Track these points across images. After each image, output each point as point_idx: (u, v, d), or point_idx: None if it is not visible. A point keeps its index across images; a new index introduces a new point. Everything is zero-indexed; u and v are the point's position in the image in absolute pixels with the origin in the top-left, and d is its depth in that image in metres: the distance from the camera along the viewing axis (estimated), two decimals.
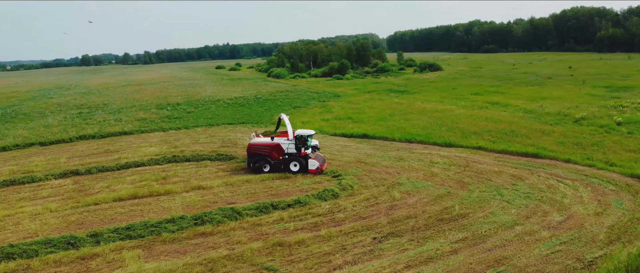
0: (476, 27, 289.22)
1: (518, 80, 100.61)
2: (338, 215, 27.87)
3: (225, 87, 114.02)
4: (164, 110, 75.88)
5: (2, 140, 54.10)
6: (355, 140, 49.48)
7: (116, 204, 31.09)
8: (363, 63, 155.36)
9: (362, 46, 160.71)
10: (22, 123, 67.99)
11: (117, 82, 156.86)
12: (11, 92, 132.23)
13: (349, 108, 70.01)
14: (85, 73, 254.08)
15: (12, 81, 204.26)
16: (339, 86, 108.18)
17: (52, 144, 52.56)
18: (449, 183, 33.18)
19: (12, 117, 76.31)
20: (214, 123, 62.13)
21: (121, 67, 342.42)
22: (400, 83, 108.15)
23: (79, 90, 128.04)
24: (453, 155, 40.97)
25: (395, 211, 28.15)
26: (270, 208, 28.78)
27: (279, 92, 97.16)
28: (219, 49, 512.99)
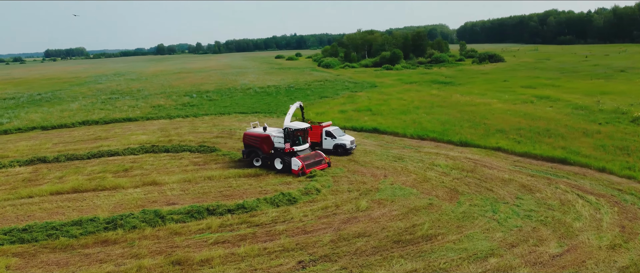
0: (552, 17, 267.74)
1: (583, 73, 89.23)
2: (278, 227, 22.77)
3: (266, 76, 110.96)
4: (187, 97, 73.63)
5: (9, 123, 53.55)
6: (362, 135, 43.79)
7: (51, 198, 27.89)
8: (419, 53, 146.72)
9: (418, 35, 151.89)
10: (46, 107, 68.13)
11: (172, 69, 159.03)
12: (71, 78, 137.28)
13: (375, 99, 63.95)
14: (151, 61, 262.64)
15: (82, 67, 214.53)
16: (382, 77, 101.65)
17: (54, 128, 51.26)
18: (437, 192, 26.98)
19: (45, 100, 77.26)
20: (225, 111, 58.62)
21: (189, 56, 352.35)
22: (449, 74, 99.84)
23: (130, 77, 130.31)
24: (463, 156, 34.36)
25: (349, 226, 22.59)
26: (205, 214, 24.20)
27: (316, 82, 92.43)
28: (286, 40, 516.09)
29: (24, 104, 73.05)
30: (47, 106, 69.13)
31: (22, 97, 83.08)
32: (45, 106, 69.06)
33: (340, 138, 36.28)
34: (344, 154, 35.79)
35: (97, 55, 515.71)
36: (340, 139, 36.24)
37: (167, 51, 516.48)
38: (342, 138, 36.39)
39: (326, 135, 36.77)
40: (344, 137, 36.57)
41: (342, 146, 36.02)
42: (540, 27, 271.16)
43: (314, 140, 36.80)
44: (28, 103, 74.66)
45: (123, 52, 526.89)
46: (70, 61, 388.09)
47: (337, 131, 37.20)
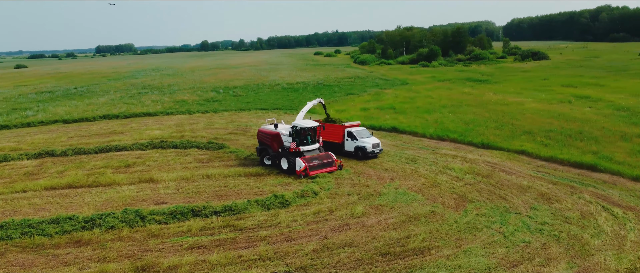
0: (605, 12, 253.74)
1: (633, 71, 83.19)
2: (261, 232, 21.15)
3: (298, 73, 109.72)
4: (213, 93, 73.25)
5: (34, 116, 54.36)
6: (380, 134, 41.56)
7: (43, 193, 27.37)
8: (458, 50, 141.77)
9: (458, 31, 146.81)
10: (76, 100, 69.25)
11: (209, 65, 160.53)
12: (111, 72, 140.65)
13: (402, 97, 61.39)
14: (193, 57, 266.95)
15: (125, 62, 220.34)
16: (416, 74, 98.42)
17: (75, 122, 51.61)
18: (444, 199, 24.66)
19: (78, 94, 78.71)
20: (247, 107, 57.61)
21: (229, 53, 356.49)
22: (487, 72, 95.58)
23: (166, 72, 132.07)
24: (481, 160, 31.72)
25: (338, 234, 20.70)
26: (189, 215, 22.88)
27: (346, 79, 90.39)
28: (327, 36, 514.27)
29: (57, 98, 74.62)
30: (77, 100, 70.26)
31: (59, 91, 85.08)
32: (76, 100, 70.23)
33: (361, 140, 33.05)
34: (365, 158, 32.61)
35: (144, 51, 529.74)
36: (361, 141, 33.02)
37: (210, 47, 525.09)
38: (364, 140, 33.06)
39: (348, 136, 33.86)
40: (367, 139, 33.11)
41: (362, 149, 32.62)
42: (591, 24, 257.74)
43: (335, 141, 34.59)
44: (62, 96, 76.23)
45: (169, 49, 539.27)
46: (118, 56, 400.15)
47: (362, 132, 34.01)
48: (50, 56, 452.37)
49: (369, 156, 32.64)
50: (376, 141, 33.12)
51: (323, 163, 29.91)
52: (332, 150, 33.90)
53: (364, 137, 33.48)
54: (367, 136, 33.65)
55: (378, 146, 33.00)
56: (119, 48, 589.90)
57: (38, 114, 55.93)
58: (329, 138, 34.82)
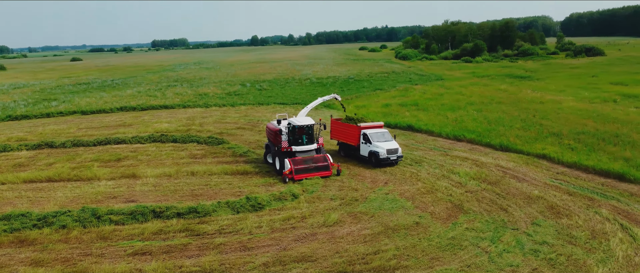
0: None
1: None
2: (219, 239, 19.09)
3: (334, 67, 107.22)
4: (240, 86, 72.11)
5: (56, 107, 54.87)
6: (394, 132, 38.46)
7: (19, 186, 26.58)
8: (506, 45, 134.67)
9: (506, 26, 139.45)
10: (106, 92, 69.93)
11: (250, 59, 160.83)
12: (154, 65, 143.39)
13: (430, 93, 57.83)
14: (239, 52, 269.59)
15: (172, 56, 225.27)
16: (455, 69, 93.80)
17: (93, 113, 51.62)
18: (436, 208, 21.73)
19: (111, 86, 79.68)
20: (266, 102, 55.90)
21: (276, 48, 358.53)
22: (532, 68, 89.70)
23: (206, 65, 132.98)
24: (494, 164, 28.35)
25: (299, 246, 18.32)
26: (149, 216, 21.16)
27: (381, 73, 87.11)
28: (376, 32, 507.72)
29: (90, 89, 75.74)
30: (107, 91, 70.95)
31: (96, 83, 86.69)
32: (106, 91, 70.94)
33: (375, 144, 28.53)
34: (378, 165, 28.28)
35: (196, 46, 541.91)
36: (375, 145, 28.52)
37: (260, 42, 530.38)
38: (378, 144, 28.52)
39: (363, 138, 29.50)
40: (383, 144, 28.52)
41: (375, 154, 28.22)
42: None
43: (351, 143, 30.70)
44: (95, 88, 77.39)
45: (220, 44, 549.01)
46: (170, 50, 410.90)
47: (380, 135, 29.40)
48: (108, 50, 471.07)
49: (382, 164, 28.22)
50: (393, 146, 28.39)
51: (315, 166, 26.81)
52: (349, 154, 31.20)
53: (380, 140, 28.90)
54: (385, 140, 28.99)
55: (395, 152, 28.33)
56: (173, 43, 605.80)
57: (61, 105, 56.45)
58: (345, 140, 31.39)
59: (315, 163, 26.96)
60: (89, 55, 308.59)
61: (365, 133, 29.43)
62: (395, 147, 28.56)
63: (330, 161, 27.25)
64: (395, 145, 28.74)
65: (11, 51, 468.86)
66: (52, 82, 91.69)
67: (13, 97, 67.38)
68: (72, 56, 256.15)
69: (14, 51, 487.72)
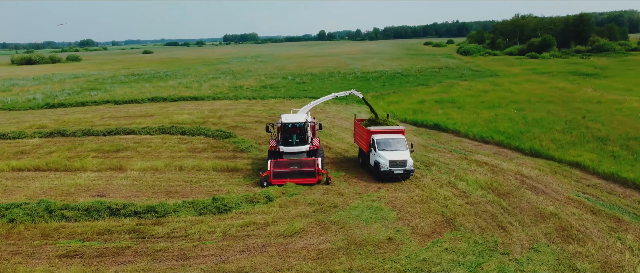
0: None
1: None
2: (161, 244, 17.17)
3: (387, 62, 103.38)
4: (279, 80, 70.67)
5: (94, 96, 55.82)
6: (418, 131, 35.49)
7: (5, 174, 26.25)
8: (580, 41, 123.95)
9: (580, 19, 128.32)
10: (149, 83, 70.89)
11: (306, 53, 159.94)
12: (213, 58, 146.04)
13: (475, 90, 53.36)
14: (301, 46, 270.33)
15: (235, 50, 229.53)
16: (516, 65, 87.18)
17: (124, 103, 51.89)
18: (422, 221, 18.57)
19: (159, 77, 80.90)
20: (297, 95, 53.86)
21: (341, 43, 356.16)
22: (602, 65, 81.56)
23: (262, 59, 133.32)
24: (513, 171, 24.51)
25: (243, 258, 15.99)
26: (105, 213, 19.66)
27: (432, 69, 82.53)
28: (446, 27, 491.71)
29: (139, 80, 77.23)
30: (153, 82, 71.91)
31: (148, 74, 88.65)
32: (152, 82, 71.97)
33: (381, 153, 23.75)
34: (379, 179, 23.66)
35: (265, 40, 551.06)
36: (379, 154, 23.77)
37: (327, 37, 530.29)
38: (384, 153, 23.63)
39: (371, 145, 24.79)
40: (389, 153, 23.59)
41: (376, 165, 23.69)
42: None
43: (362, 148, 26.26)
44: (144, 79, 78.89)
45: (288, 38, 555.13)
46: (239, 45, 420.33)
47: (391, 142, 24.36)
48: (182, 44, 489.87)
49: (383, 177, 23.45)
50: (399, 157, 23.30)
51: (299, 171, 23.49)
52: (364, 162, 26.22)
53: (388, 149, 24.00)
54: (394, 149, 24.00)
55: (402, 164, 23.21)
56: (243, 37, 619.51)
57: (99, 94, 57.41)
58: (360, 144, 27.20)
59: (301, 168, 23.70)
60: (161, 48, 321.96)
61: (374, 138, 24.64)
62: (403, 159, 23.27)
63: (319, 167, 23.46)
64: (404, 157, 23.40)
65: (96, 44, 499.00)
66: (109, 73, 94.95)
67: (64, 86, 69.87)
68: (146, 49, 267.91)
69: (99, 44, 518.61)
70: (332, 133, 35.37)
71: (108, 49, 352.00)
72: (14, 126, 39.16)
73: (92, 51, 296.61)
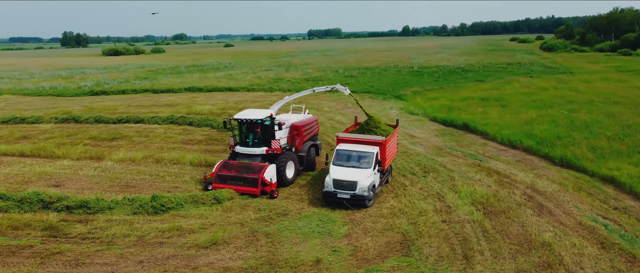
0: None
1: None
2: (65, 246, 15.28)
3: (455, 57, 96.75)
4: (327, 72, 67.89)
5: (138, 85, 56.42)
6: (444, 130, 31.41)
7: None
8: None
9: None
10: (203, 73, 71.14)
11: (377, 48, 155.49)
12: (283, 52, 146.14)
13: (533, 87, 47.36)
14: (379, 41, 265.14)
15: (310, 44, 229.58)
16: (601, 62, 77.53)
17: (162, 92, 51.78)
18: (372, 241, 15.20)
19: (216, 68, 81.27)
20: None
21: (422, 38, 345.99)
22: None
23: (329, 53, 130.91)
24: (528, 184, 20.09)
25: (137, 271, 13.57)
26: (36, 205, 18.17)
27: (500, 64, 75.48)
28: (540, 22, 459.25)
29: (197, 70, 77.88)
30: (206, 72, 72.15)
31: (208, 66, 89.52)
32: (206, 73, 72.24)
33: (331, 169, 18.56)
34: (326, 202, 18.42)
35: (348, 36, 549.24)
36: (330, 170, 18.56)
37: (411, 32, 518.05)
38: (334, 170, 18.39)
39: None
40: (341, 171, 18.22)
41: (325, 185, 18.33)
42: None
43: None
44: (202, 70, 79.53)
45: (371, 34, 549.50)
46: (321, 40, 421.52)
47: (353, 155, 18.77)
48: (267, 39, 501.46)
49: (327, 200, 18.14)
50: (348, 178, 17.74)
51: (241, 177, 19.72)
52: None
53: (343, 164, 18.63)
54: (350, 165, 18.47)
55: (351, 186, 17.57)
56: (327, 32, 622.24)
57: (144, 83, 58.08)
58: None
59: (241, 174, 19.90)
60: (244, 42, 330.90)
61: (336, 148, 19.39)
62: (352, 180, 17.56)
63: (263, 176, 19.22)
64: (356, 177, 17.65)
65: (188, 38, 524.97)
66: (174, 64, 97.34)
67: (123, 75, 71.93)
68: (227, 43, 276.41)
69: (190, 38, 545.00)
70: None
71: (196, 43, 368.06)
72: (42, 112, 39.84)
73: (181, 44, 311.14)
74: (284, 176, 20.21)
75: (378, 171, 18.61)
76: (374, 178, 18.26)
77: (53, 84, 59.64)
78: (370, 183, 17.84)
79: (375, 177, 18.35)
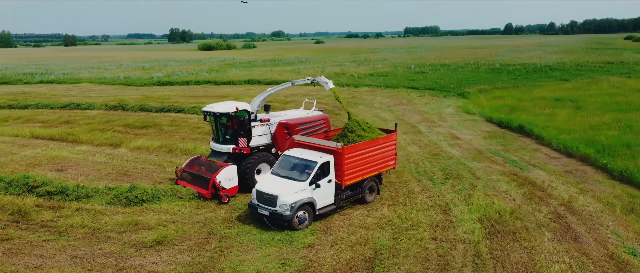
0: None
1: None
2: (18, 232, 14.64)
3: (548, 55, 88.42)
4: (398, 68, 64.78)
5: (195, 76, 57.39)
6: (491, 132, 27.68)
7: (17, 140, 26.91)
8: None
9: None
10: (273, 67, 71.16)
11: (465, 45, 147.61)
12: (369, 48, 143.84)
13: (624, 88, 41.23)
14: (473, 39, 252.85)
15: (401, 41, 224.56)
16: None
17: (222, 84, 52.22)
18: (334, 257, 12.91)
19: (289, 62, 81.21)
20: (393, 85, 48.09)
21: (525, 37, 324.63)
22: None
23: (413, 50, 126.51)
24: (564, 200, 16.52)
25: (55, 268, 12.50)
26: (22, 188, 17.81)
27: (595, 64, 67.34)
28: None
29: (267, 65, 78.26)
30: (278, 66, 72.13)
31: (283, 61, 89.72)
32: (277, 66, 72.42)
33: (260, 181, 16.03)
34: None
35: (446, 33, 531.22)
36: (260, 182, 15.79)
37: (514, 31, 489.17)
38: (263, 180, 15.82)
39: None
40: (265, 182, 15.32)
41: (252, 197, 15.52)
42: None
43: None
44: (274, 64, 79.86)
45: (470, 32, 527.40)
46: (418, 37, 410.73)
47: (294, 164, 15.57)
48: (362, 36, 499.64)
49: (252, 212, 15.20)
50: (270, 191, 14.53)
51: (198, 175, 17.87)
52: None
53: (279, 173, 15.61)
54: (284, 175, 15.29)
55: (271, 202, 14.41)
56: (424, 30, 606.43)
57: (209, 75, 58.99)
58: None
59: (199, 172, 18.00)
60: (336, 40, 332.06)
61: (284, 153, 16.39)
62: (273, 194, 14.33)
63: (215, 177, 16.77)
64: (279, 191, 14.36)
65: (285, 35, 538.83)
66: (253, 58, 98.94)
67: (199, 67, 74.01)
68: (318, 40, 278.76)
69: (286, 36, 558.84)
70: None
71: (291, 40, 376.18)
72: (101, 99, 41.40)
73: (276, 41, 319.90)
74: (251, 181, 17.57)
75: (317, 186, 14.64)
76: (311, 194, 14.53)
77: (130, 74, 62.60)
78: (299, 199, 14.19)
79: (313, 193, 14.59)
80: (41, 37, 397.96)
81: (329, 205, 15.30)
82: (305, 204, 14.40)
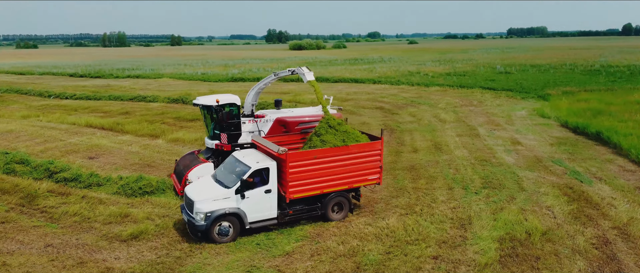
0: None
1: None
2: (15, 215, 14.71)
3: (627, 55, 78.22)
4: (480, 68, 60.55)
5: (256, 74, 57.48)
6: (562, 138, 24.25)
7: (71, 128, 28.03)
8: None
9: None
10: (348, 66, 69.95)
11: (569, 46, 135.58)
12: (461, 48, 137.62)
13: None
14: (582, 41, 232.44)
15: (501, 42, 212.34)
16: None
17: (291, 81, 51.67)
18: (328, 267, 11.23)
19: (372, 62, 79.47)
20: (469, 84, 44.60)
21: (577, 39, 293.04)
22: None
23: (508, 50, 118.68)
24: (620, 222, 13.54)
25: (19, 255, 12.19)
26: (43, 173, 18.21)
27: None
28: None
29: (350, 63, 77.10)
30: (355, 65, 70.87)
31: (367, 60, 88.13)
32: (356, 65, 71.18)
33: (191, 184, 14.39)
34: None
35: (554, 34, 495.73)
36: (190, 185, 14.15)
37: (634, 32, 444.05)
38: (196, 184, 13.90)
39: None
40: (196, 185, 13.70)
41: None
42: None
43: None
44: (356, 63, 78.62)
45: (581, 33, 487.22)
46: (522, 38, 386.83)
47: (234, 165, 13.58)
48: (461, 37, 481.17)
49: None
50: (192, 196, 12.71)
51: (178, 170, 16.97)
52: None
53: (218, 177, 13.64)
54: (219, 179, 13.40)
55: (190, 207, 12.75)
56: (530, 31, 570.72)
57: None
58: None
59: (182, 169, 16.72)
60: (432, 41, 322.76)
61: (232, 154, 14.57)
62: (192, 199, 12.57)
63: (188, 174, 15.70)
64: (200, 196, 12.54)
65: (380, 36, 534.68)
66: (337, 57, 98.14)
67: (278, 65, 74.71)
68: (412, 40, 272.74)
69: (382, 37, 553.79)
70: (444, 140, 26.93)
71: (385, 40, 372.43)
72: (167, 93, 42.61)
73: (370, 41, 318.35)
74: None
75: (243, 196, 12.46)
76: (236, 204, 12.43)
77: (208, 70, 64.52)
78: (219, 209, 12.20)
79: (240, 204, 12.45)
80: (153, 37, 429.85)
81: (269, 219, 13.02)
82: (229, 215, 12.30)
